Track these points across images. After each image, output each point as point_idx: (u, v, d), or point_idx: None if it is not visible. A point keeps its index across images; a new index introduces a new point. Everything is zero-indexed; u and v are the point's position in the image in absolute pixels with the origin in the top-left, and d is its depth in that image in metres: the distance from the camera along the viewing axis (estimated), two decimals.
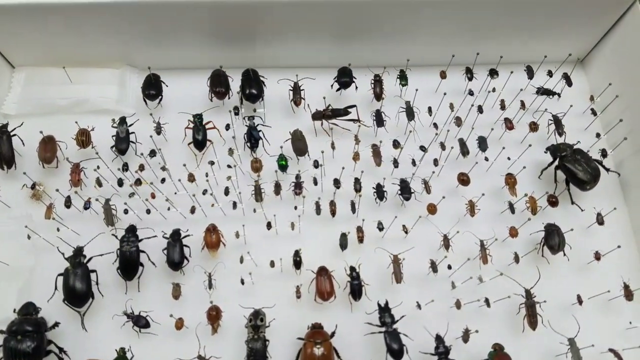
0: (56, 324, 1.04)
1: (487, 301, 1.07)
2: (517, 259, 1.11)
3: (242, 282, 1.09)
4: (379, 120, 1.23)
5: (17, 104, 1.27)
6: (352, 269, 1.09)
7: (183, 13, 1.16)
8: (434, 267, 1.09)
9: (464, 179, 1.17)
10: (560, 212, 1.19)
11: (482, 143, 1.22)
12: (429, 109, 1.26)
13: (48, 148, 1.16)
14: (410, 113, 1.24)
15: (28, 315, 1.02)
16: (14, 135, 1.18)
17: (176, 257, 1.08)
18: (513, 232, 1.13)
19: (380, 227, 1.13)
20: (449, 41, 1.28)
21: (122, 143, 1.18)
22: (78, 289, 1.03)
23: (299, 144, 1.20)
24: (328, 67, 1.29)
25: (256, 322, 1.03)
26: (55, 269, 1.07)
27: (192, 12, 1.16)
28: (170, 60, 1.32)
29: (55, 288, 1.06)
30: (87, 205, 1.12)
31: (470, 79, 1.30)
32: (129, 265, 1.07)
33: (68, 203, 1.12)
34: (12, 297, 1.07)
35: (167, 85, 1.28)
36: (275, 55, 1.32)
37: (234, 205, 1.16)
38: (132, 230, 1.10)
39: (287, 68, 1.31)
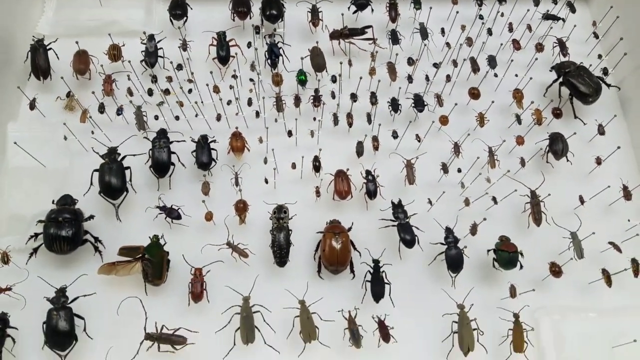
0: (91, 216, 1.11)
1: (494, 199, 1.14)
2: (523, 163, 1.18)
3: (266, 181, 1.16)
4: (394, 38, 1.30)
5: (50, 26, 1.34)
6: (368, 172, 1.16)
7: None
8: (445, 168, 1.17)
9: (474, 93, 1.25)
10: (564, 125, 1.26)
11: (492, 61, 1.29)
12: (442, 30, 1.33)
13: (82, 60, 1.24)
14: (424, 33, 1.31)
15: (66, 205, 1.09)
16: (50, 49, 1.25)
17: (205, 158, 1.16)
18: (519, 140, 1.21)
19: (395, 135, 1.20)
20: None
21: (151, 57, 1.25)
22: (113, 183, 1.10)
23: (318, 59, 1.27)
24: None
25: (280, 214, 1.10)
26: (88, 171, 1.14)
27: None
28: None
29: (91, 183, 1.13)
30: (119, 112, 1.20)
31: (480, 5, 1.36)
32: (161, 163, 1.14)
33: (102, 109, 1.20)
34: (49, 195, 1.14)
35: (191, 8, 1.34)
36: None
37: (257, 114, 1.23)
38: (163, 132, 1.17)
39: None
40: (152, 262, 1.05)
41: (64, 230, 1.05)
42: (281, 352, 1.03)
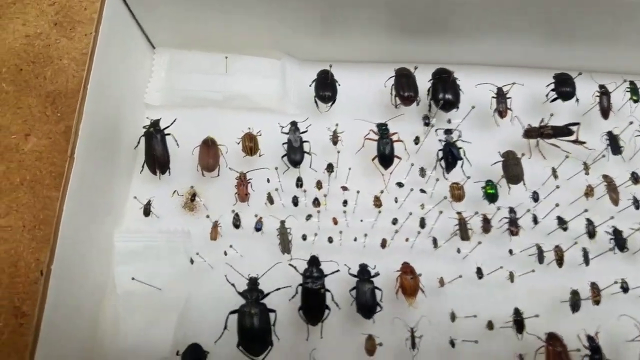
0: None
1: None
2: None
3: (453, 344, 0.86)
4: (615, 146, 0.98)
5: (161, 93, 1.08)
6: (591, 339, 0.85)
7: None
8: None
9: None
10: None
11: None
12: None
13: (211, 153, 0.96)
14: None
15: None
16: (169, 134, 0.97)
17: (369, 300, 0.86)
18: None
19: (625, 286, 0.89)
20: None
21: (296, 153, 0.97)
22: (257, 333, 0.82)
23: (515, 169, 0.96)
24: (534, 67, 1.07)
25: None
26: (212, 297, 0.90)
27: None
28: (337, 51, 1.09)
29: (225, 327, 0.85)
30: (258, 226, 0.92)
31: None
32: (315, 307, 0.86)
33: (237, 222, 0.92)
34: (169, 331, 0.88)
35: (339, 84, 1.04)
36: (467, 50, 1.08)
37: (434, 242, 0.93)
38: (315, 262, 0.88)
39: (480, 65, 1.08)
40: None
41: None
42: None
